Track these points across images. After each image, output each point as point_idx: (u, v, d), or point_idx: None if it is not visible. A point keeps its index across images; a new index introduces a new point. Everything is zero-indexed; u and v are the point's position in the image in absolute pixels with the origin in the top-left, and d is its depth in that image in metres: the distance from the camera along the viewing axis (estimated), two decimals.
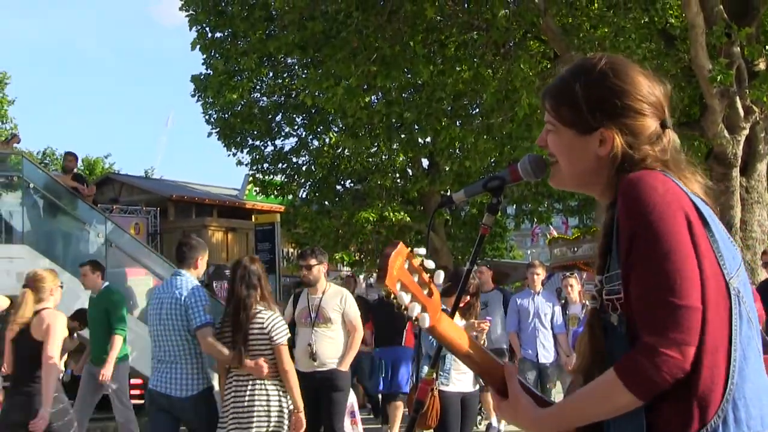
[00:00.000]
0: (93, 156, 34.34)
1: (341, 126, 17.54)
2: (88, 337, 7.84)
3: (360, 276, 20.28)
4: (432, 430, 5.44)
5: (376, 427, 9.85)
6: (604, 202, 1.68)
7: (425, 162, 19.27)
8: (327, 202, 19.28)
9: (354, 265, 20.51)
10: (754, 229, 10.16)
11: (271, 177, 19.47)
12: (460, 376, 5.57)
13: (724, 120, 9.82)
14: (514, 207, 20.76)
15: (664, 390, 1.43)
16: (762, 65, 10.24)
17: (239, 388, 4.86)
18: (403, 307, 1.61)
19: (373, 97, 14.01)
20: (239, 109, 18.05)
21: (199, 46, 14.28)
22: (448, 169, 16.95)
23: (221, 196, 24.10)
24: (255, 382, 4.84)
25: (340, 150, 18.90)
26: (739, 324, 1.50)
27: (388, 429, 8.83)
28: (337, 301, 6.31)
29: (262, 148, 19.08)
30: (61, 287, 5.46)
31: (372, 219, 17.71)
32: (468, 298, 5.65)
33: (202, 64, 16.74)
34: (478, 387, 5.89)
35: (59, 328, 5.17)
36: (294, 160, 19.31)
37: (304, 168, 19.39)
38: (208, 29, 14.14)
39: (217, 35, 14.46)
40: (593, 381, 1.54)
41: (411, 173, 19.13)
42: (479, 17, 11.44)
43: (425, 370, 5.11)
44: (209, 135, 18.53)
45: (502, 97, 11.59)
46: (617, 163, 1.62)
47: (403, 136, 15.39)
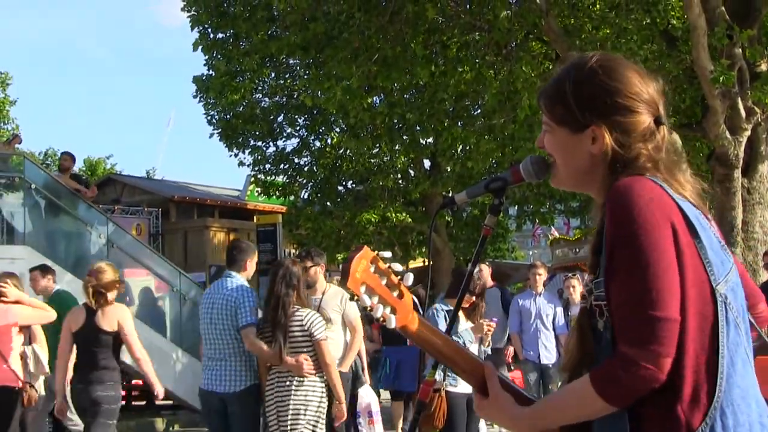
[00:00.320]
0: (95, 157, 34.46)
1: (343, 127, 17.55)
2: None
3: None
4: (438, 431, 5.47)
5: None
6: (599, 201, 1.68)
7: (427, 163, 19.24)
8: (329, 203, 19.24)
9: None
10: (756, 230, 10.13)
11: (273, 178, 19.43)
12: None
13: (725, 121, 9.80)
14: (516, 208, 20.72)
15: (641, 397, 1.44)
16: (764, 66, 10.22)
17: (281, 385, 5.05)
18: (368, 309, 1.62)
19: (375, 98, 14.00)
20: (241, 109, 18.07)
21: (201, 47, 14.28)
22: (449, 170, 16.92)
23: (223, 196, 24.07)
24: (295, 378, 5.02)
25: (341, 151, 18.91)
26: (726, 330, 1.49)
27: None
28: (337, 301, 6.32)
29: (264, 148, 19.08)
30: (121, 283, 5.87)
31: (374, 220, 17.71)
32: (473, 298, 5.66)
33: (204, 65, 16.79)
34: None
35: (130, 322, 5.74)
36: (296, 160, 19.30)
37: (306, 169, 19.38)
38: (210, 30, 14.15)
39: (219, 36, 14.46)
40: (570, 384, 1.56)
41: (413, 174, 19.10)
42: (481, 18, 11.43)
43: (428, 371, 5.11)
44: (211, 136, 18.57)
45: (503, 98, 11.57)
46: (609, 161, 1.62)
47: (405, 137, 15.38)
